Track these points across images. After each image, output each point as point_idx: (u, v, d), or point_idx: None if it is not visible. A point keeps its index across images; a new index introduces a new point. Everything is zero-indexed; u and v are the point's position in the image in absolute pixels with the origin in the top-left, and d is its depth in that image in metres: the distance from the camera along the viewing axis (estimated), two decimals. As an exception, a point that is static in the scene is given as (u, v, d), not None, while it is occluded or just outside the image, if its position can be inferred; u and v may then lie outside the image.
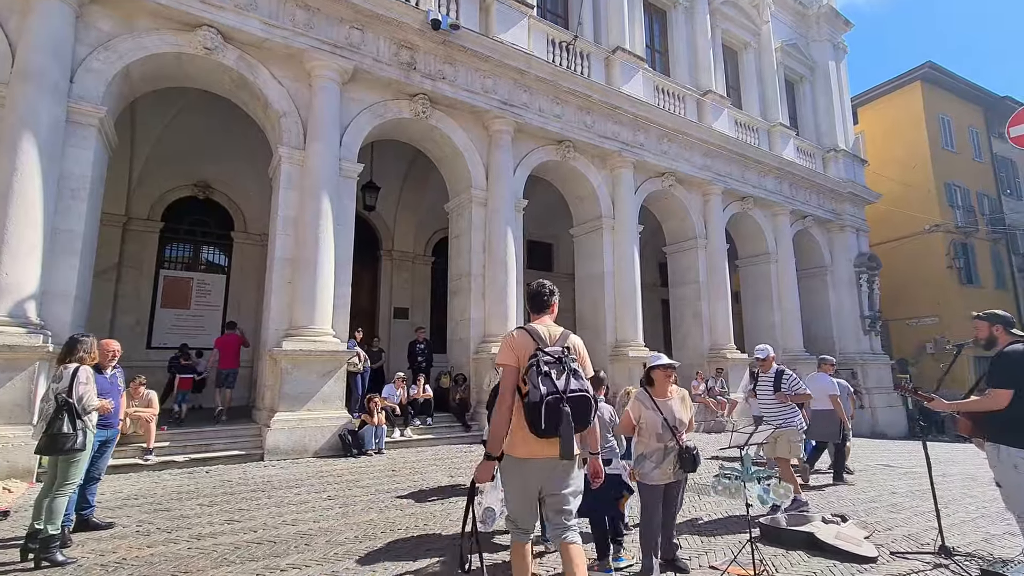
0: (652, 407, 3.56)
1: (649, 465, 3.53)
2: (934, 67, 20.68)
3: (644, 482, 3.54)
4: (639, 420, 3.60)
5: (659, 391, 3.65)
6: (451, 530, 4.43)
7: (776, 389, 5.41)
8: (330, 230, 8.43)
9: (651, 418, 3.54)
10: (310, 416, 7.70)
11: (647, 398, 3.62)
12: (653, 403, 3.58)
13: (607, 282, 12.13)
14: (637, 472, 3.59)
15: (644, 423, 3.57)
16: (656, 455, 3.53)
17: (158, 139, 11.63)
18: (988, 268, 20.93)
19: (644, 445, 3.58)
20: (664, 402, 3.59)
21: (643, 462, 3.55)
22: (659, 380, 3.66)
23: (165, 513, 4.88)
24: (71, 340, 3.97)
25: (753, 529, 3.74)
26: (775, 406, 5.42)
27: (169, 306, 12.05)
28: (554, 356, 2.55)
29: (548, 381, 2.48)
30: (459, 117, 10.43)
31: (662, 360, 3.69)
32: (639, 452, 3.61)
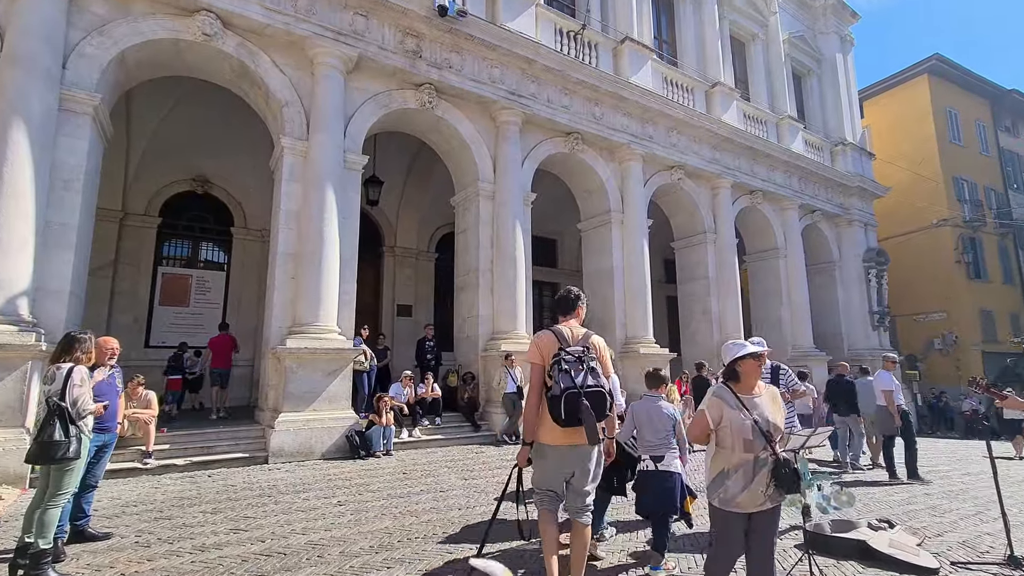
0: (738, 406, 2.63)
1: (733, 485, 2.58)
2: (942, 60, 20.45)
3: (723, 508, 2.60)
4: (719, 424, 2.64)
5: (746, 386, 2.71)
6: (471, 539, 4.15)
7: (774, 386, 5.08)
8: (335, 224, 8.13)
9: (737, 421, 2.59)
10: (316, 416, 7.41)
11: (730, 395, 2.67)
12: (739, 401, 2.64)
13: (616, 278, 11.86)
14: (714, 496, 2.63)
15: (727, 428, 2.61)
16: (743, 471, 2.57)
17: (155, 132, 11.30)
18: (996, 263, 20.75)
19: (725, 458, 2.62)
20: (752, 400, 2.67)
21: (723, 481, 2.60)
22: (748, 372, 2.70)
23: (166, 521, 4.59)
24: (67, 338, 3.66)
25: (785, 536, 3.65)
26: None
27: (168, 304, 11.73)
28: (574, 355, 2.92)
29: (567, 377, 2.86)
30: (466, 108, 10.13)
31: (749, 346, 2.73)
32: (717, 468, 2.63)
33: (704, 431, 2.68)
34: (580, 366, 2.90)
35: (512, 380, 8.91)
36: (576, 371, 2.88)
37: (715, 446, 2.68)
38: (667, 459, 3.76)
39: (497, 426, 9.03)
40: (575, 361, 2.90)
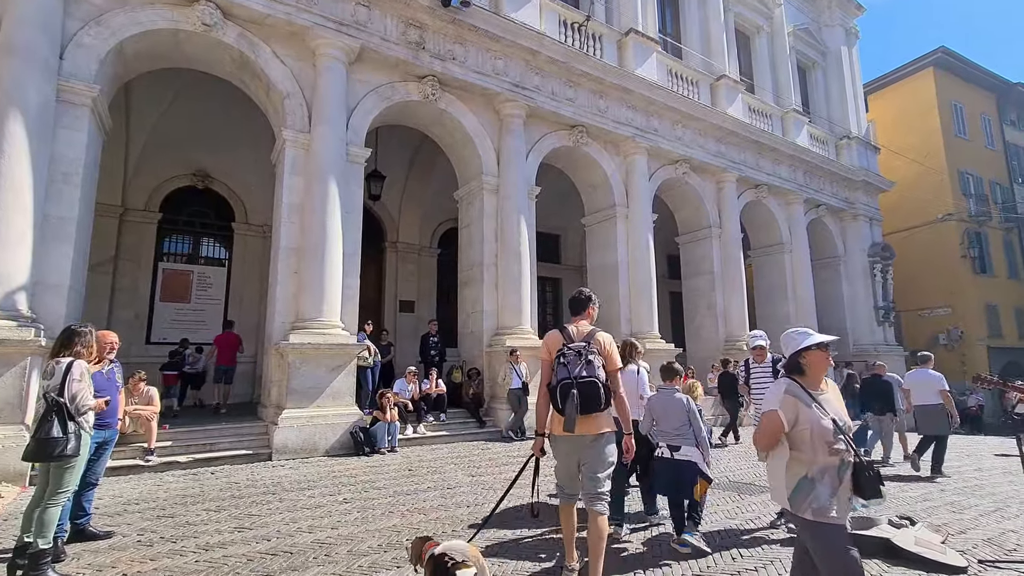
0: (813, 403, 2.30)
1: (824, 492, 2.20)
2: (947, 52, 20.27)
3: (821, 520, 2.19)
4: (795, 425, 2.28)
5: (813, 380, 2.40)
6: (481, 537, 4.05)
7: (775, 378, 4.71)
8: (337, 218, 8.01)
9: (816, 421, 2.25)
10: (320, 413, 7.31)
11: (802, 391, 2.33)
12: (812, 398, 2.32)
13: (621, 273, 11.74)
14: (803, 507, 2.22)
15: (807, 430, 2.26)
16: (830, 475, 2.22)
17: (154, 126, 11.17)
18: (1001, 257, 20.61)
19: (806, 463, 2.26)
20: (822, 396, 2.37)
21: (812, 489, 2.21)
22: (816, 365, 2.39)
23: (169, 520, 4.49)
24: (67, 331, 3.55)
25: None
26: None
27: (169, 300, 11.63)
28: (575, 350, 3.05)
29: (563, 370, 3.02)
30: (469, 100, 10.00)
31: (815, 335, 2.43)
32: (800, 474, 2.26)
33: (776, 435, 2.29)
34: (579, 360, 3.03)
35: (517, 376, 8.81)
36: (574, 364, 3.02)
37: (787, 450, 2.29)
38: (684, 449, 3.91)
39: (502, 422, 8.93)
40: (575, 355, 3.04)
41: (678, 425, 3.95)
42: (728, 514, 4.76)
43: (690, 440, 3.90)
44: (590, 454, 3.07)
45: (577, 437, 3.02)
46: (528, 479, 3.39)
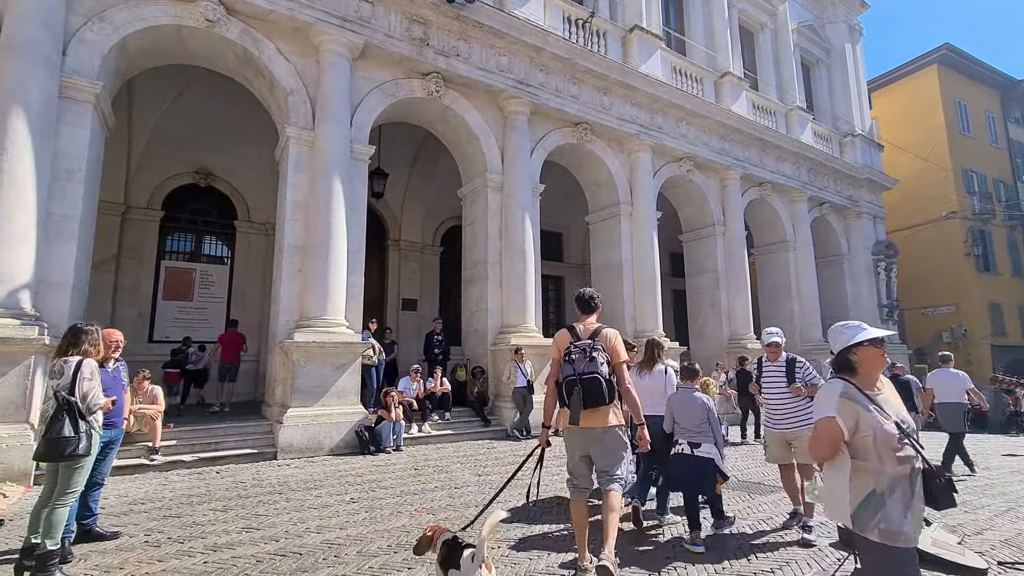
0: (872, 406, 2.00)
1: (896, 509, 1.89)
2: (952, 49, 20.17)
3: (891, 544, 1.88)
4: (856, 433, 1.98)
5: (868, 380, 2.09)
6: (513, 527, 4.01)
7: (789, 380, 4.40)
8: (342, 215, 7.96)
9: (878, 425, 1.95)
10: (324, 411, 7.27)
11: (858, 393, 2.03)
12: (870, 400, 2.02)
13: (625, 271, 11.70)
14: (870, 527, 1.91)
15: (869, 437, 1.95)
16: (903, 489, 1.91)
17: (157, 124, 11.12)
18: (1005, 255, 20.54)
19: (873, 474, 1.93)
20: (880, 398, 2.06)
21: (881, 506, 1.89)
22: (871, 363, 2.09)
23: (175, 520, 4.45)
24: (74, 329, 3.50)
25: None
26: (788, 401, 4.33)
27: (171, 298, 11.58)
28: (581, 347, 3.18)
29: (569, 367, 3.16)
30: (473, 97, 9.94)
31: (870, 330, 2.14)
32: (867, 488, 1.93)
33: (835, 445, 2.00)
34: (584, 356, 3.16)
35: (522, 374, 8.77)
36: (579, 361, 3.16)
37: (848, 459, 2.00)
38: (704, 447, 4.02)
39: (507, 421, 8.89)
40: (581, 353, 3.17)
41: (698, 423, 4.07)
42: (739, 514, 4.71)
43: (709, 438, 4.03)
44: (599, 448, 3.19)
45: (586, 430, 3.17)
46: (546, 474, 3.56)
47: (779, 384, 4.44)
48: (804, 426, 4.20)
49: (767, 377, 4.68)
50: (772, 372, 4.62)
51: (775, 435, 4.36)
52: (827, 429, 2.02)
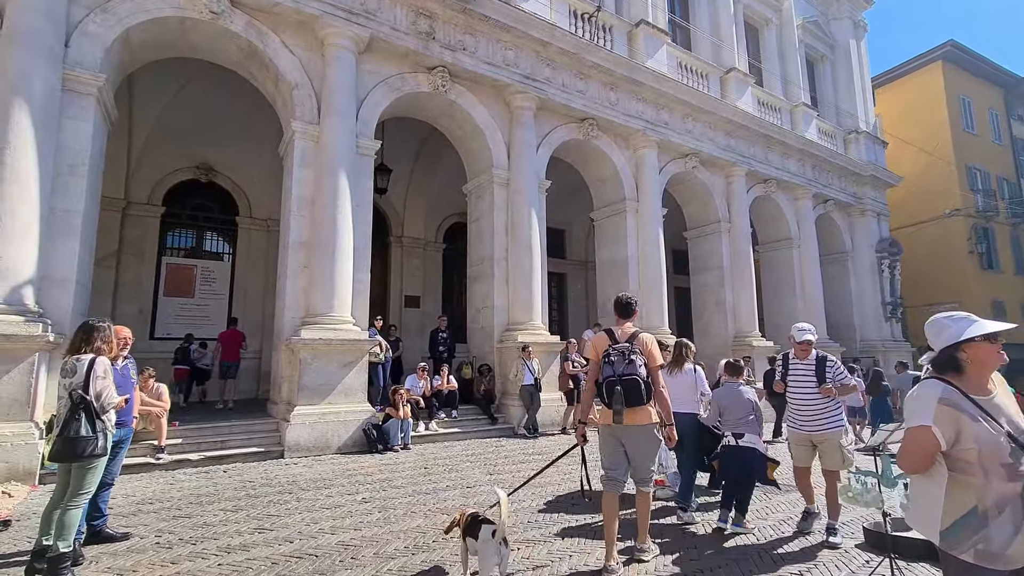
0: (979, 414, 1.71)
1: (999, 531, 1.62)
2: (956, 46, 20.10)
3: (985, 565, 1.63)
4: (956, 444, 1.70)
5: (978, 382, 1.78)
6: (546, 518, 3.95)
7: (819, 380, 4.11)
8: (348, 211, 7.87)
9: (987, 437, 1.67)
10: (332, 409, 7.19)
11: (963, 399, 1.73)
12: (978, 407, 1.72)
13: (631, 268, 11.62)
14: (965, 547, 1.65)
15: (972, 449, 1.68)
16: (1014, 508, 1.63)
17: (158, 118, 11.00)
18: (1008, 253, 20.53)
19: (976, 489, 1.67)
20: (991, 402, 1.76)
21: (983, 526, 1.64)
22: (983, 363, 1.78)
23: (186, 520, 4.37)
24: (86, 326, 3.41)
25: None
26: (816, 401, 4.10)
27: (172, 295, 11.47)
28: (619, 350, 3.38)
29: (609, 368, 3.38)
30: (479, 92, 9.84)
31: (982, 323, 1.80)
32: (968, 504, 1.67)
33: (929, 458, 1.74)
34: (622, 359, 3.36)
35: (529, 372, 8.70)
36: (619, 364, 3.36)
37: (944, 469, 1.73)
38: (748, 437, 4.29)
39: (514, 419, 8.83)
40: (619, 355, 3.37)
41: (742, 415, 4.36)
42: (759, 514, 4.66)
43: (753, 428, 4.32)
44: (637, 444, 3.42)
45: (627, 428, 3.38)
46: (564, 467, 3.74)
47: (808, 384, 4.19)
48: (832, 428, 4.08)
49: (795, 375, 4.34)
50: (800, 370, 4.30)
51: (799, 436, 4.21)
52: (920, 440, 1.73)
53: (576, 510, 4.73)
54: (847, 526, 4.26)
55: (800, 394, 4.24)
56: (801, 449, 4.23)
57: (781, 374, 4.54)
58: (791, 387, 4.35)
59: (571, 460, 5.15)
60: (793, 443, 4.30)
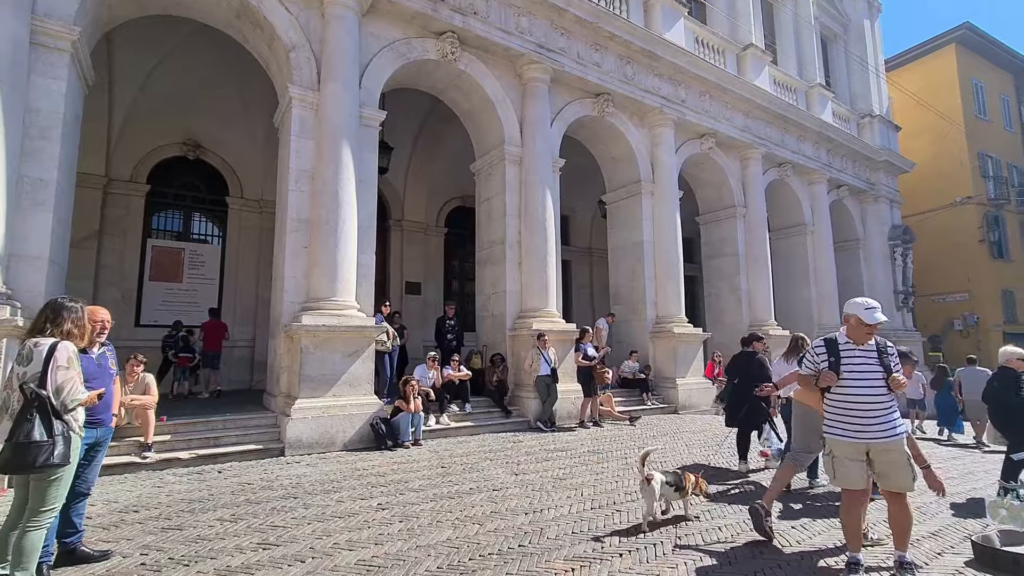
0: None
1: None
2: (971, 29, 19.61)
3: None
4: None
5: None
6: (562, 554, 3.39)
7: (885, 370, 3.17)
8: (352, 186, 7.21)
9: None
10: (336, 403, 6.59)
11: None
12: None
13: (646, 253, 11.08)
14: None
15: None
16: None
17: (141, 89, 10.19)
18: (1018, 242, 20.26)
19: None
20: None
21: None
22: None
23: (176, 533, 3.76)
24: (54, 305, 2.76)
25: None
26: (885, 399, 3.14)
27: (159, 279, 10.74)
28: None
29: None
30: (490, 62, 9.16)
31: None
32: None
33: None
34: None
35: (546, 362, 8.14)
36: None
37: None
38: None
39: (530, 411, 8.28)
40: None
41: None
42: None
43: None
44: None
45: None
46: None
47: (873, 375, 3.16)
48: (899, 434, 3.08)
49: (852, 364, 3.25)
50: (860, 359, 3.25)
51: (854, 447, 3.11)
52: None
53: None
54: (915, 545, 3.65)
55: (860, 390, 3.16)
56: (855, 466, 3.11)
57: (829, 362, 3.33)
58: (849, 379, 3.23)
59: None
60: (843, 456, 3.15)
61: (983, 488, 5.63)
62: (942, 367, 9.52)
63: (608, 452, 6.65)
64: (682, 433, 8.15)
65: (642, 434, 8.03)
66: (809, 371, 3.39)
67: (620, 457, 6.38)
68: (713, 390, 10.87)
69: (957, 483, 5.78)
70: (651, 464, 4.16)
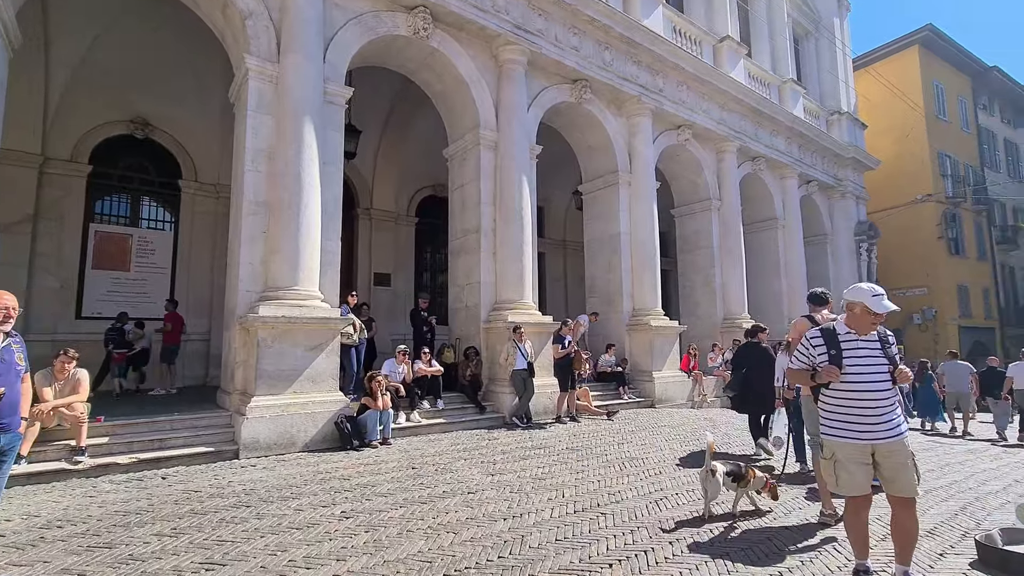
0: None
1: None
2: (934, 31, 20.17)
3: None
4: None
5: None
6: (546, 566, 3.07)
7: (890, 361, 2.87)
8: (315, 168, 6.68)
9: None
10: (297, 400, 6.09)
11: None
12: None
13: (623, 244, 10.87)
14: None
15: None
16: None
17: (82, 60, 9.36)
18: (972, 239, 21.06)
19: None
20: None
21: None
22: None
23: (105, 553, 3.27)
24: None
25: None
26: (890, 395, 2.84)
27: (103, 267, 9.91)
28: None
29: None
30: (464, 41, 8.73)
31: None
32: None
33: None
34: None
35: (522, 355, 7.80)
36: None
37: None
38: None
39: (505, 407, 7.95)
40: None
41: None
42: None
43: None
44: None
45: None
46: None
47: (878, 368, 2.82)
48: (904, 432, 2.80)
49: (855, 357, 2.88)
50: (864, 351, 2.88)
51: (858, 449, 2.79)
52: None
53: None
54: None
55: (865, 384, 2.81)
56: (861, 469, 2.78)
57: (829, 356, 2.94)
58: (850, 374, 2.87)
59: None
60: (845, 461, 2.82)
61: (963, 480, 5.61)
62: (923, 361, 10.07)
63: (587, 449, 6.38)
64: (660, 427, 7.97)
65: (620, 429, 7.81)
66: (802, 365, 3.03)
67: (599, 454, 6.11)
68: (689, 383, 10.78)
69: (936, 476, 5.74)
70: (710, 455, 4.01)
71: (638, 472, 5.32)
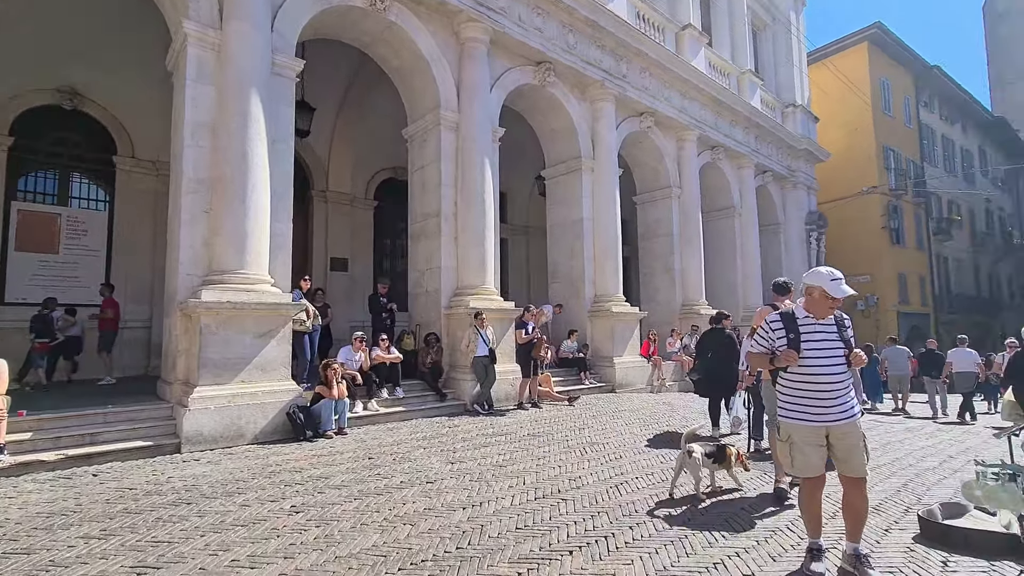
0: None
1: None
2: (882, 29, 20.95)
3: None
4: None
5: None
6: (506, 558, 2.98)
7: (846, 345, 2.89)
8: (263, 143, 6.29)
9: None
10: (245, 390, 5.78)
11: None
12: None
13: (585, 230, 10.85)
14: None
15: None
16: None
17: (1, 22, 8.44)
18: (912, 230, 22.23)
19: None
20: None
21: None
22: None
23: (22, 560, 2.96)
24: None
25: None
26: (846, 378, 2.88)
27: (28, 249, 9.14)
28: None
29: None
30: (424, 16, 8.41)
31: None
32: None
33: None
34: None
35: (483, 342, 7.68)
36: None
37: None
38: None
39: (466, 394, 7.83)
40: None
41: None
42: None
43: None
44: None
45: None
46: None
47: (834, 352, 2.85)
48: (856, 414, 2.86)
49: (812, 341, 2.90)
50: (821, 335, 2.90)
51: (813, 432, 2.83)
52: None
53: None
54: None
55: (823, 368, 2.84)
56: (815, 451, 2.84)
57: (788, 339, 2.95)
58: (808, 358, 2.89)
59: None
60: (801, 444, 2.87)
61: (903, 457, 5.88)
62: (868, 345, 10.66)
63: (549, 434, 6.35)
64: (621, 412, 8.04)
65: (581, 414, 7.83)
66: (762, 349, 3.04)
67: (561, 440, 6.09)
68: (648, 368, 10.94)
69: (879, 454, 5.99)
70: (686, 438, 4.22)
71: (599, 457, 5.31)
